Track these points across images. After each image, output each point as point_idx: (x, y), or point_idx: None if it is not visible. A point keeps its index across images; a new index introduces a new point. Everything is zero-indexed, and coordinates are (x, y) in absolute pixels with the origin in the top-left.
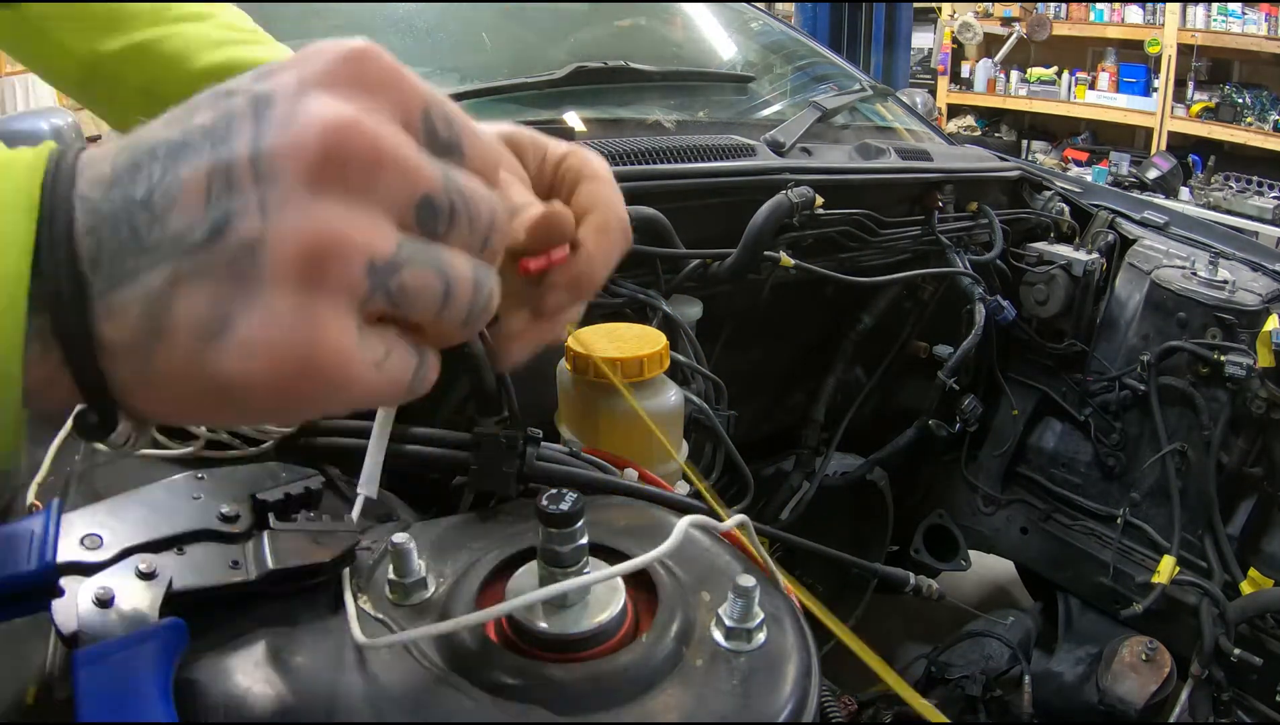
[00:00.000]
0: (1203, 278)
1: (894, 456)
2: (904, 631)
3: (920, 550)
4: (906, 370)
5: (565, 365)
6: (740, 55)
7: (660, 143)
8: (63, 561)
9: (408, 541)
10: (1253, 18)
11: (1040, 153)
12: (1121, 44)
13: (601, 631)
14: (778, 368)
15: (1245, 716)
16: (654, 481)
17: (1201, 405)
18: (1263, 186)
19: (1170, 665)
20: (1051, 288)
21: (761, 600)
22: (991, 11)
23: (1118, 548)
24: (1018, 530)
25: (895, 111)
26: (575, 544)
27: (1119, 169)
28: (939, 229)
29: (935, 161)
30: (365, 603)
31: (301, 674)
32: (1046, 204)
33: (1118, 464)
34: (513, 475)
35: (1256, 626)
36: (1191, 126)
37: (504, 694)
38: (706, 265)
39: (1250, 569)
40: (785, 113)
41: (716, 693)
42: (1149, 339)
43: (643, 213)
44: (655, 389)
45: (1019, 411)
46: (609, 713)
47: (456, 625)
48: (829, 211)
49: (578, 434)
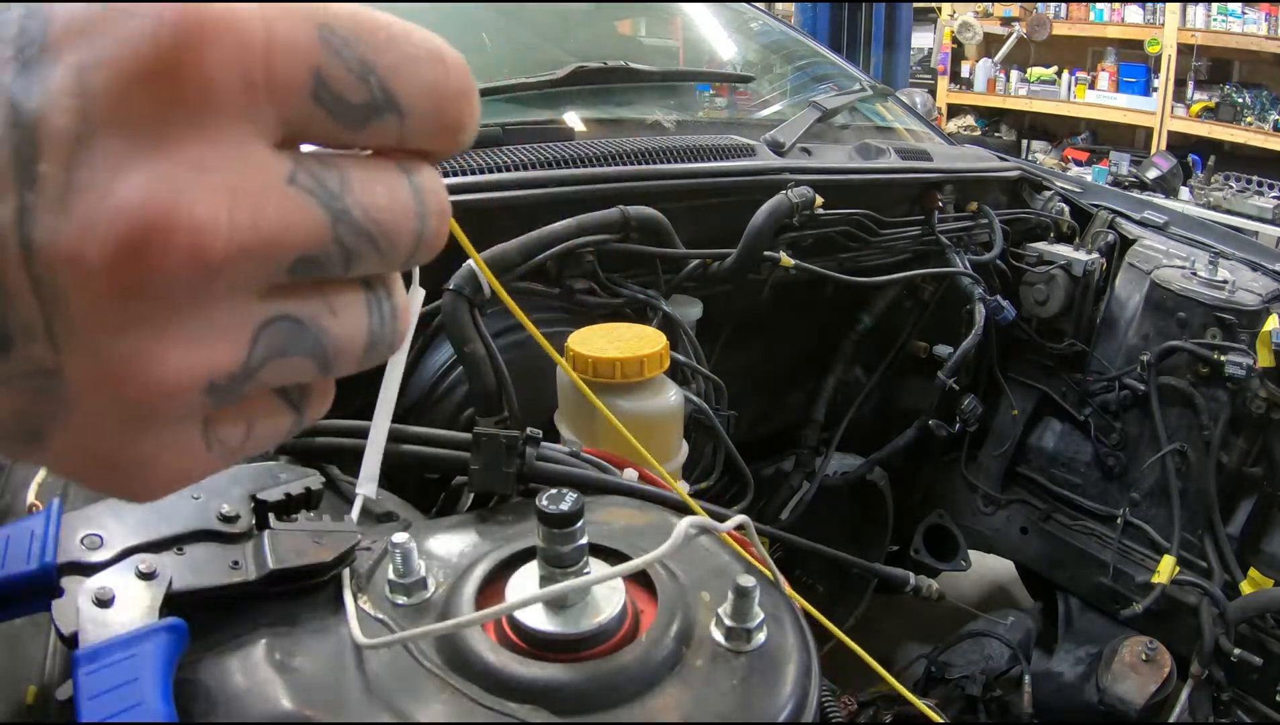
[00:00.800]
0: (1203, 278)
1: (894, 456)
2: (904, 631)
3: (920, 550)
4: (906, 370)
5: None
6: (740, 55)
7: (660, 143)
8: (63, 561)
9: (408, 541)
10: (1253, 17)
11: (1040, 153)
12: (1121, 44)
13: (601, 631)
14: (778, 368)
15: (1245, 716)
16: (654, 481)
17: (1201, 405)
18: (1263, 186)
19: (1170, 665)
20: (1051, 288)
21: (761, 600)
22: (991, 11)
23: (1118, 548)
24: (1017, 530)
25: (895, 111)
26: (575, 544)
27: (1119, 169)
28: (939, 229)
29: (935, 161)
30: (365, 603)
31: (301, 674)
32: (1046, 204)
33: (1118, 464)
34: (513, 475)
35: (1256, 626)
36: (1191, 126)
37: (504, 694)
38: (706, 265)
39: (1250, 569)
40: (785, 113)
41: (716, 693)
42: (1149, 339)
43: (643, 213)
44: (655, 389)
45: (1019, 411)
46: (609, 713)
47: (456, 625)
48: (829, 211)
49: (578, 434)
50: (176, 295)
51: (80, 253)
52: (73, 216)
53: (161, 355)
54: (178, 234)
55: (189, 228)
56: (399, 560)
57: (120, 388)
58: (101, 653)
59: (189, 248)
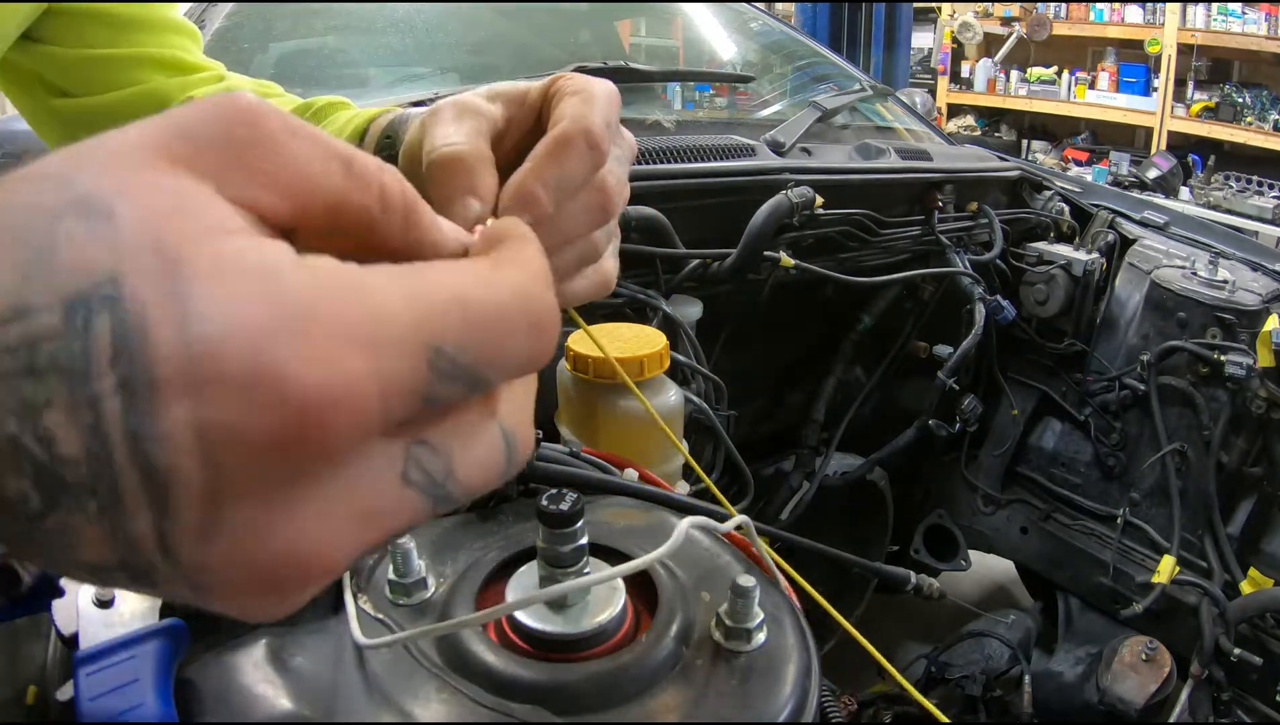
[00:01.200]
0: (1203, 278)
1: (894, 456)
2: (904, 631)
3: (920, 550)
4: (906, 370)
5: (565, 365)
6: (740, 55)
7: (660, 143)
8: None
9: (408, 541)
10: (1253, 17)
11: (1040, 153)
12: (1121, 44)
13: (601, 631)
14: (778, 368)
15: (1245, 716)
16: (654, 481)
17: (1201, 405)
18: (1263, 186)
19: (1170, 665)
20: (1051, 288)
21: (761, 600)
22: (991, 11)
23: (1118, 548)
24: (1017, 530)
25: (895, 111)
26: (575, 544)
27: (1119, 169)
28: (939, 229)
29: (935, 161)
30: (365, 603)
31: (301, 674)
32: (1046, 204)
33: (1118, 464)
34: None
35: (1256, 626)
36: (1191, 126)
37: (504, 694)
38: (706, 265)
39: (1250, 569)
40: (785, 113)
41: (716, 693)
42: (1149, 339)
43: (643, 213)
44: (655, 389)
45: (1019, 411)
46: (609, 713)
47: (456, 625)
48: (829, 211)
49: (578, 434)
50: (306, 592)
51: (227, 577)
52: (215, 552)
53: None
54: (314, 566)
55: (325, 560)
56: (399, 560)
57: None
58: (102, 653)
59: (323, 571)
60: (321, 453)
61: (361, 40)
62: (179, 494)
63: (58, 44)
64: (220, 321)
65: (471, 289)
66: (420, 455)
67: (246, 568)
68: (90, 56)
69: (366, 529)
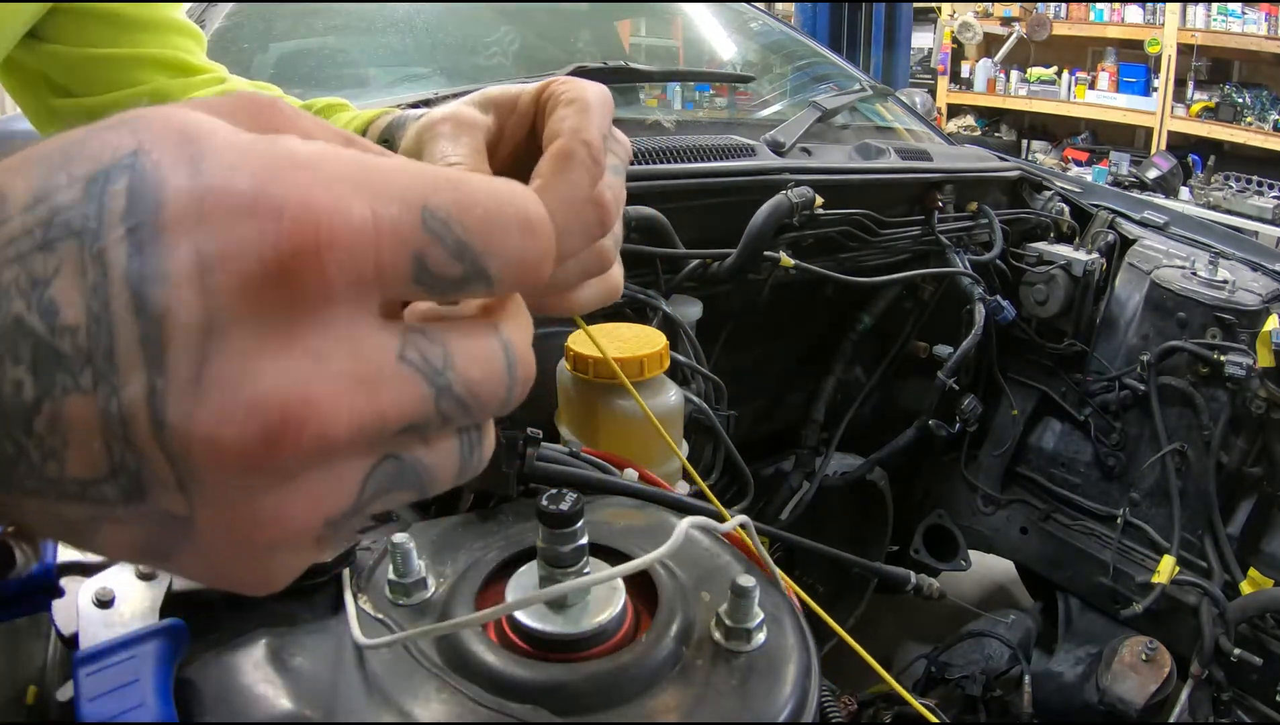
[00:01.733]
0: (1203, 278)
1: (894, 456)
2: (904, 631)
3: (920, 550)
4: (906, 370)
5: (565, 365)
6: (740, 55)
7: (660, 143)
8: (63, 561)
9: (408, 541)
10: (1253, 17)
11: (1040, 153)
12: (1121, 44)
13: (601, 631)
14: (778, 368)
15: (1245, 716)
16: (654, 481)
17: (1201, 405)
18: (1263, 186)
19: (1170, 665)
20: (1051, 288)
21: (761, 600)
22: (991, 11)
23: (1117, 548)
24: (1017, 530)
25: (895, 111)
26: (575, 544)
27: (1119, 169)
28: (939, 229)
29: (935, 161)
30: (365, 603)
31: (301, 674)
32: (1046, 204)
33: (1118, 464)
34: (513, 475)
35: (1256, 626)
36: (1191, 126)
37: (504, 694)
38: (706, 265)
39: (1250, 569)
40: (785, 113)
41: (716, 693)
42: (1149, 339)
43: (642, 213)
44: (655, 389)
45: (1019, 411)
46: (609, 713)
47: (456, 625)
48: (829, 211)
49: (578, 434)
50: (301, 467)
51: (215, 437)
52: (205, 404)
53: (285, 509)
54: (307, 424)
55: (317, 419)
56: (399, 560)
57: (248, 532)
58: (102, 653)
59: (317, 435)
60: (317, 287)
61: (361, 40)
62: (173, 336)
63: (62, 43)
64: (231, 169)
65: (464, 178)
66: (416, 339)
67: (237, 424)
68: (93, 56)
69: (360, 395)
